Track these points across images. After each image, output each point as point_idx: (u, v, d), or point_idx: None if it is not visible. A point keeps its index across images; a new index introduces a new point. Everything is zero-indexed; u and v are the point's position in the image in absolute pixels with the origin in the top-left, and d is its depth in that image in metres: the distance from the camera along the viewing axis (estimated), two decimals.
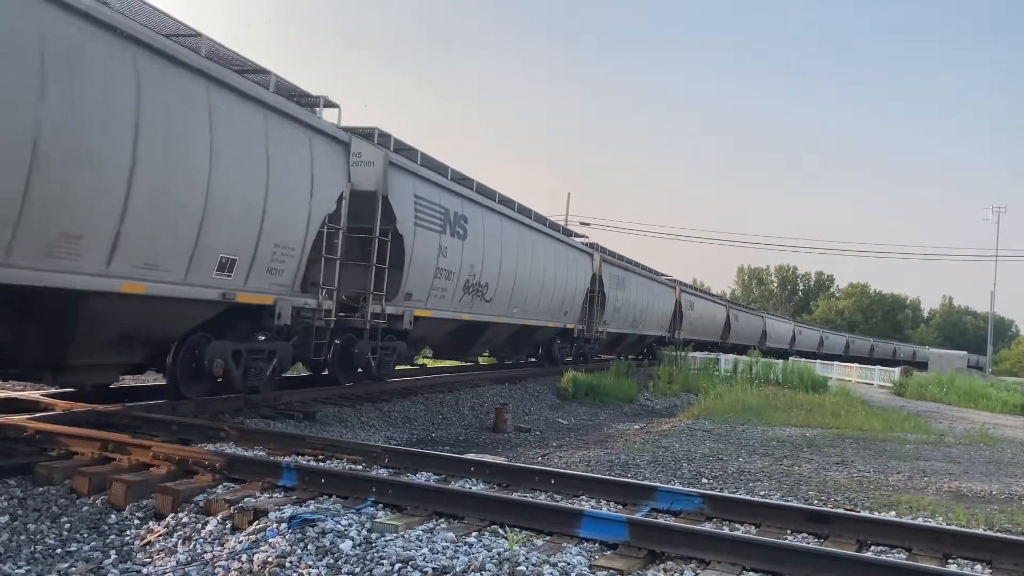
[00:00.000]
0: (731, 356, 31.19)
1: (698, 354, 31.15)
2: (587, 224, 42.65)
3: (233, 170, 8.46)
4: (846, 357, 56.99)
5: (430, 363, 20.90)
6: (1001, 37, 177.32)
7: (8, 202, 6.12)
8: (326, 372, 12.55)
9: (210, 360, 9.08)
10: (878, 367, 37.28)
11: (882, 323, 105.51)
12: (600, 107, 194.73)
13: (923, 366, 50.44)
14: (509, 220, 17.03)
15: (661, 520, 5.56)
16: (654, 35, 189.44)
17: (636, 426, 13.61)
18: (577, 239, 23.66)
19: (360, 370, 12.45)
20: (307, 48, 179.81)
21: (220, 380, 9.41)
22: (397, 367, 14.13)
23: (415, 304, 13.15)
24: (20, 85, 6.14)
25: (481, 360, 20.55)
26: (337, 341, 11.72)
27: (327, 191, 10.38)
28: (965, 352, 58.65)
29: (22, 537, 5.08)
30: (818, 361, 35.11)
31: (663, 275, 34.55)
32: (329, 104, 10.94)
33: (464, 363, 19.69)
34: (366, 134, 11.98)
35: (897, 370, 34.84)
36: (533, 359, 22.74)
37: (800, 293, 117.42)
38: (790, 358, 32.61)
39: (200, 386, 9.36)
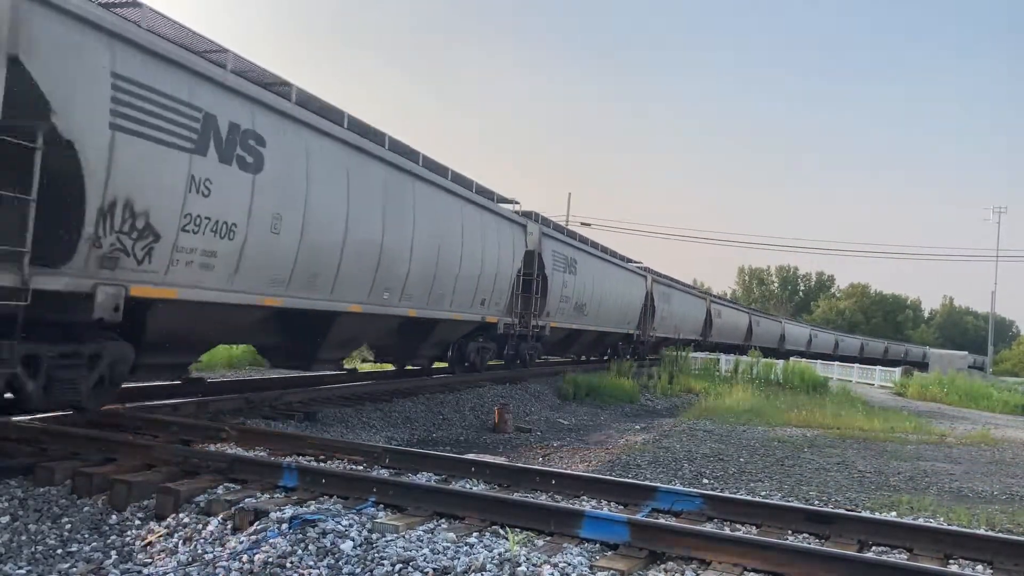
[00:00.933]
0: (731, 356, 31.19)
1: (698, 354, 31.10)
2: (587, 224, 42.64)
3: (490, 250, 15.53)
4: (861, 359, 59.50)
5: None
6: (1001, 37, 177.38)
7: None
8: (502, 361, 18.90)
9: (472, 351, 16.85)
10: (878, 367, 37.32)
11: (883, 323, 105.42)
12: (600, 107, 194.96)
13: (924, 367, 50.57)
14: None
15: (662, 520, 5.55)
16: (654, 35, 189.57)
17: (637, 426, 13.61)
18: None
19: (518, 361, 19.30)
20: (307, 48, 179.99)
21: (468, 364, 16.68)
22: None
23: (551, 319, 19.55)
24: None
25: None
26: (515, 342, 18.31)
27: (518, 253, 17.34)
28: (966, 352, 58.69)
29: (23, 537, 5.09)
30: (818, 361, 35.13)
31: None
32: (514, 201, 17.69)
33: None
34: (529, 215, 18.79)
35: (898, 370, 34.84)
36: (444, 364, 17.66)
37: (801, 293, 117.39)
38: (803, 360, 33.47)
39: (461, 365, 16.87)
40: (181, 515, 5.29)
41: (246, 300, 8.88)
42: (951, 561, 5.13)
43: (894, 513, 7.07)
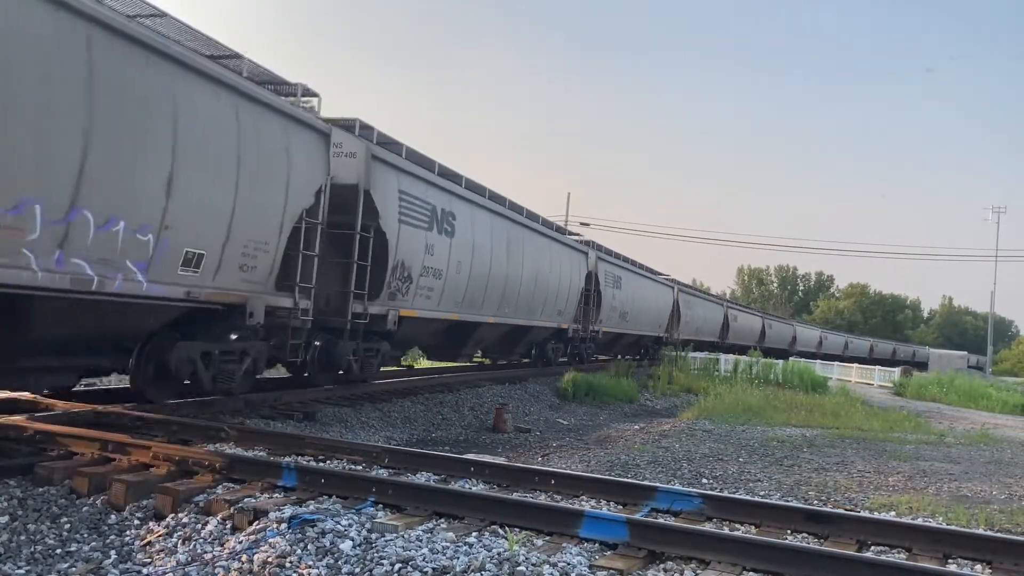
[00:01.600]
0: (731, 356, 31.19)
1: (698, 354, 31.14)
2: (587, 224, 42.88)
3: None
4: (869, 360, 61.86)
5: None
6: (1001, 37, 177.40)
7: None
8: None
9: (549, 350, 18.69)
10: (877, 367, 37.34)
11: (882, 323, 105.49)
12: (600, 107, 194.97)
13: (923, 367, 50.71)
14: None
15: (661, 520, 5.55)
16: (654, 35, 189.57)
17: (636, 426, 13.61)
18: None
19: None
20: (307, 47, 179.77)
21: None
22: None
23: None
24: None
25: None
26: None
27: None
28: (965, 352, 58.87)
29: (22, 537, 5.08)
30: (818, 361, 35.15)
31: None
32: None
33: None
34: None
35: (897, 370, 34.86)
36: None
37: (800, 293, 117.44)
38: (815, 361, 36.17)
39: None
40: (180, 515, 5.29)
41: (443, 316, 14.34)
42: (950, 561, 5.13)
43: (893, 513, 7.08)
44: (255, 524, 4.97)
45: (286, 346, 10.15)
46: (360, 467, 6.81)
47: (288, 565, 4.40)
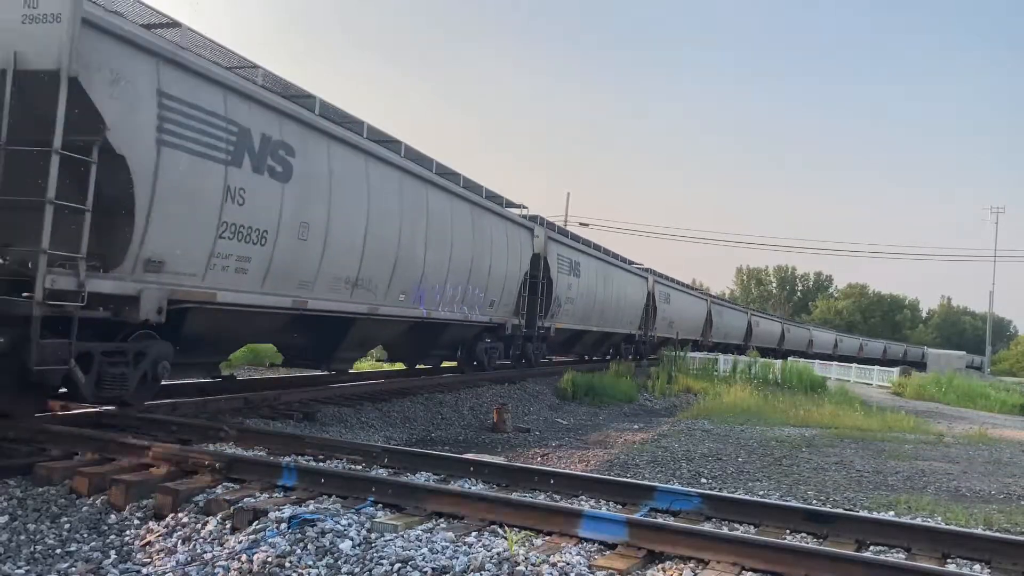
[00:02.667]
0: (730, 356, 31.18)
1: (696, 354, 31.09)
2: (586, 224, 42.82)
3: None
4: (884, 361, 63.25)
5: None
6: (1001, 37, 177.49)
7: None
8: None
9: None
10: (876, 367, 37.36)
11: (881, 323, 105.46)
12: (600, 107, 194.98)
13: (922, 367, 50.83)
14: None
15: (660, 520, 5.56)
16: (654, 35, 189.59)
17: (635, 426, 13.62)
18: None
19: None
20: (307, 47, 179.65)
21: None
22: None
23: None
24: None
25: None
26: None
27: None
28: (964, 352, 58.93)
29: (22, 537, 5.09)
30: (816, 361, 35.16)
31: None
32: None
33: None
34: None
35: (896, 370, 34.87)
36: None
37: (799, 294, 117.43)
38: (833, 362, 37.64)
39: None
40: (180, 515, 5.29)
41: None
42: (949, 560, 5.14)
43: (892, 513, 7.08)
44: (255, 524, 4.97)
45: (512, 344, 18.33)
46: (360, 467, 6.81)
47: (288, 565, 4.40)
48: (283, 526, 4.84)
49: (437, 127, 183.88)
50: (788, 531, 5.59)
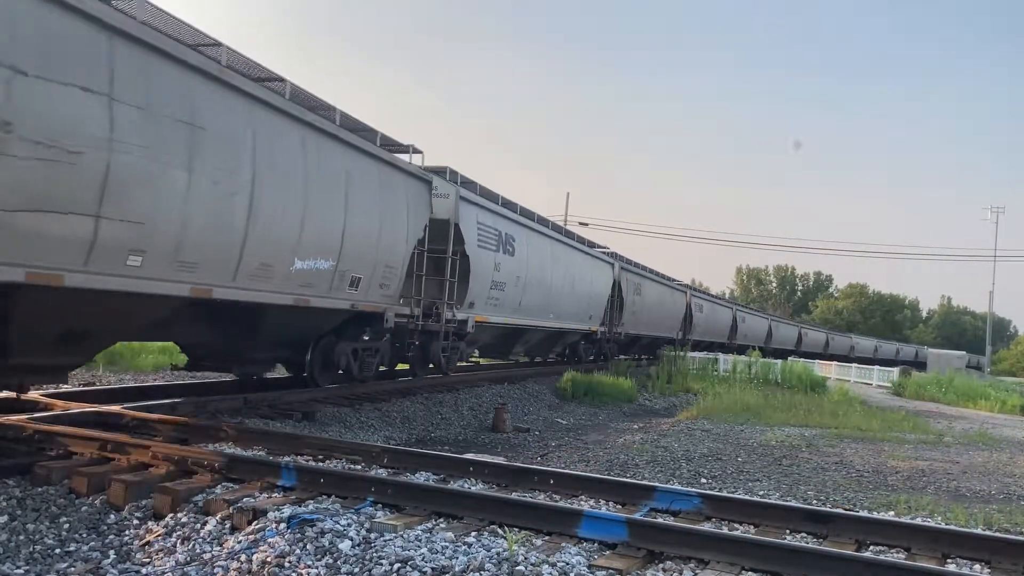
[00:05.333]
0: (730, 356, 31.17)
1: (697, 354, 31.06)
2: (585, 224, 42.83)
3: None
4: (898, 362, 64.19)
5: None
6: (1001, 37, 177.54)
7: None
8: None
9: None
10: (876, 367, 37.36)
11: (880, 323, 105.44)
12: (600, 107, 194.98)
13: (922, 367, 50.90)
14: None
15: (660, 520, 5.55)
16: (655, 34, 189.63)
17: (635, 426, 13.62)
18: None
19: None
20: (306, 46, 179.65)
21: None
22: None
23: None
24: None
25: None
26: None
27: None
28: (964, 352, 58.89)
29: (21, 537, 5.08)
30: (816, 361, 35.15)
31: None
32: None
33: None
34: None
35: (896, 370, 34.87)
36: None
37: (799, 293, 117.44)
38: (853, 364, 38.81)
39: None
40: (179, 515, 5.29)
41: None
42: (949, 560, 5.14)
43: (892, 512, 7.08)
44: (254, 524, 4.97)
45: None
46: (359, 467, 6.81)
47: (287, 565, 4.40)
48: (282, 526, 4.83)
49: (437, 125, 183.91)
50: (788, 531, 5.58)
